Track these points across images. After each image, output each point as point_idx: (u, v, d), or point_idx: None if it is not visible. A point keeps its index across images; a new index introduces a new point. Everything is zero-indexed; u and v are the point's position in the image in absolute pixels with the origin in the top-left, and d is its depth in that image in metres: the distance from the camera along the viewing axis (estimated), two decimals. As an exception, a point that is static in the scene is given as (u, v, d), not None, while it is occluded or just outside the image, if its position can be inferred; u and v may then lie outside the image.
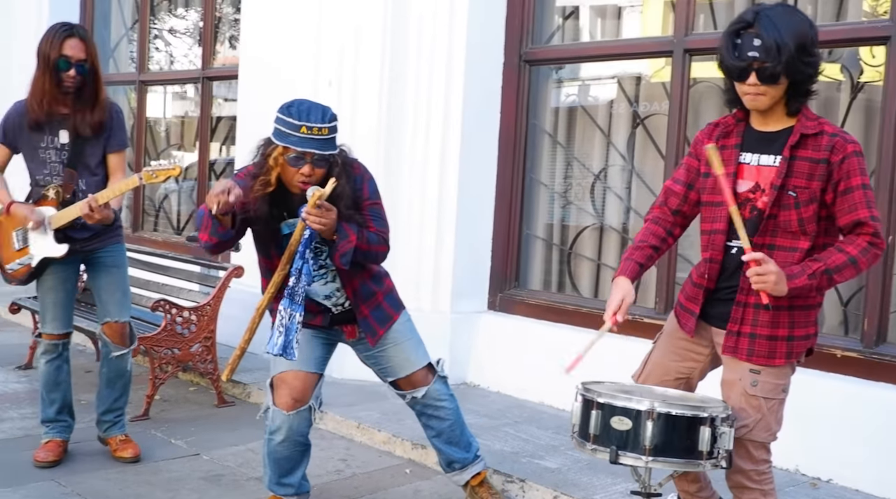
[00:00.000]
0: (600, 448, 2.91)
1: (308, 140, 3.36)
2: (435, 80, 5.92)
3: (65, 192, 4.28)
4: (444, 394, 3.95)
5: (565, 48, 6.02)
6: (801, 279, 2.96)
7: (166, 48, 9.39)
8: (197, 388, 5.98)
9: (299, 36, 6.37)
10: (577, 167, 6.04)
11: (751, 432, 3.10)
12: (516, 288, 6.11)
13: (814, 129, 2.99)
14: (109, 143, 4.37)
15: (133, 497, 4.10)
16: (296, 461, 3.79)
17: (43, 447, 4.47)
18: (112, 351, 4.56)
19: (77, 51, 4.21)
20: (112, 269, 4.52)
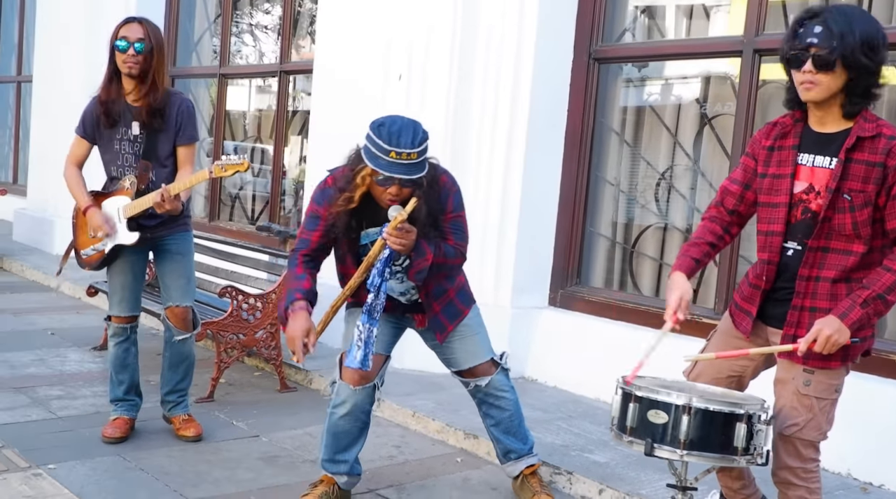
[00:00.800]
0: (637, 440, 2.95)
1: (397, 165, 3.41)
2: (503, 76, 5.97)
3: (140, 182, 4.43)
4: (505, 385, 4.03)
5: (635, 47, 6.02)
6: (855, 312, 2.96)
7: (247, 42, 9.63)
8: (262, 373, 6.14)
9: (371, 32, 6.49)
10: (643, 166, 6.03)
11: (801, 430, 3.11)
12: (577, 285, 6.13)
13: (871, 131, 2.96)
14: (179, 136, 4.50)
15: (192, 474, 4.25)
16: (353, 437, 3.90)
17: (111, 424, 4.65)
18: (174, 335, 4.71)
19: (134, 32, 4.35)
20: (177, 256, 4.66)
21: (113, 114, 4.43)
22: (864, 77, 2.96)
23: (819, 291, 3.07)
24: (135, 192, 4.42)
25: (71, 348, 6.46)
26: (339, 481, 3.93)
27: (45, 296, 8.38)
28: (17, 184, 13.25)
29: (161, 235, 4.59)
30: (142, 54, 4.35)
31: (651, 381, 3.12)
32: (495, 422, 4.09)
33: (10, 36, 13.96)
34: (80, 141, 4.58)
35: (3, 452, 4.32)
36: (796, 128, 3.16)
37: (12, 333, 6.84)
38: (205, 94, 9.85)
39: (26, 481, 3.99)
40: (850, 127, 3.02)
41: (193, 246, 4.82)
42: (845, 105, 3.01)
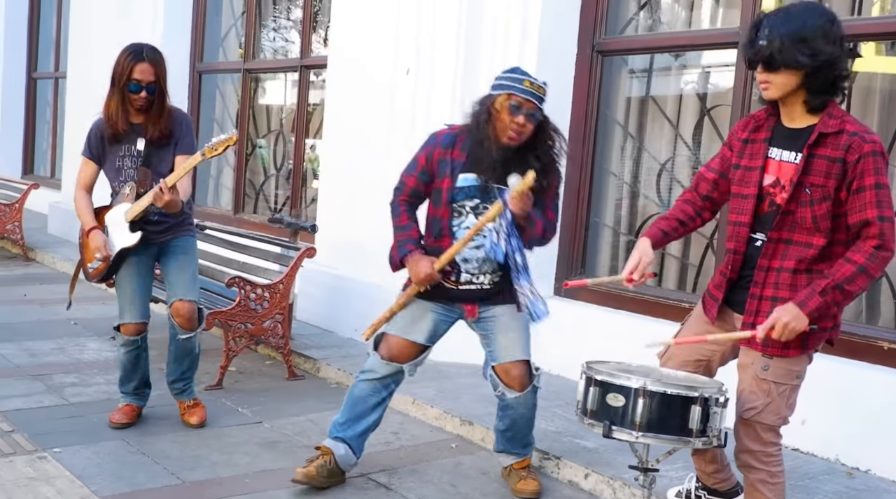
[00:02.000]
0: (596, 423, 3.04)
1: (531, 92, 3.79)
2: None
3: (139, 187, 4.58)
4: (528, 405, 4.12)
5: (637, 39, 6.06)
6: (814, 300, 3.03)
7: (270, 38, 9.78)
8: (273, 362, 6.29)
9: (380, 27, 6.60)
10: (646, 157, 6.07)
11: (759, 414, 3.18)
12: (581, 275, 6.19)
13: (834, 127, 3.03)
14: (178, 148, 4.66)
15: (191, 458, 4.41)
16: (367, 408, 4.10)
17: (119, 410, 4.82)
18: (178, 334, 4.81)
19: (146, 74, 4.50)
20: (181, 255, 4.80)
21: (119, 134, 4.59)
22: (819, 72, 3.02)
23: (780, 281, 3.14)
24: (134, 196, 4.57)
25: (91, 338, 6.67)
26: (336, 452, 4.07)
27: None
28: (53, 178, 13.57)
29: (167, 239, 4.75)
30: (153, 95, 4.55)
31: (614, 366, 3.20)
32: (504, 427, 4.20)
33: (49, 33, 14.30)
34: (88, 162, 4.74)
35: (13, 436, 4.51)
36: (769, 122, 3.25)
37: (37, 322, 7.07)
38: (231, 89, 10.03)
39: (31, 464, 4.17)
40: (816, 123, 3.09)
41: (197, 250, 4.96)
42: (808, 101, 3.09)
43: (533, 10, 5.99)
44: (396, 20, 6.42)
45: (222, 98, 10.21)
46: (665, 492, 4.00)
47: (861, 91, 5.09)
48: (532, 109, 3.79)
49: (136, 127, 4.61)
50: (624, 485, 4.12)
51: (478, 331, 4.11)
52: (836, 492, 4.16)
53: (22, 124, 14.84)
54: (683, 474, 4.12)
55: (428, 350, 4.12)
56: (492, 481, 4.37)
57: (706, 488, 3.83)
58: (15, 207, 9.98)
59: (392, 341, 4.06)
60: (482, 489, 4.26)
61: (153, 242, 4.70)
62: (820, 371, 4.45)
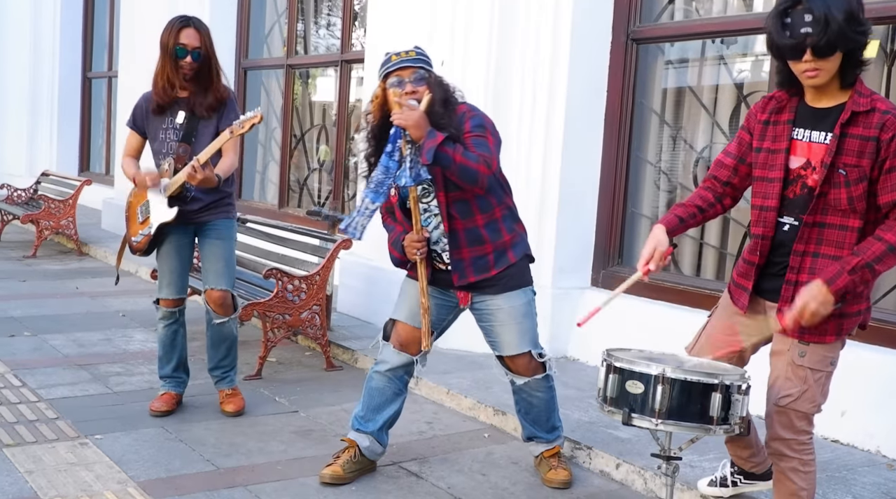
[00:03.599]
0: (615, 410, 3.03)
1: (400, 62, 3.79)
2: (541, 58, 6.03)
3: (177, 162, 4.65)
4: (542, 388, 4.11)
5: (672, 26, 6.00)
6: (843, 278, 2.97)
7: (312, 33, 9.87)
8: (312, 352, 6.37)
9: (415, 19, 6.62)
10: (683, 146, 6.03)
11: (795, 401, 3.14)
12: (619, 265, 6.17)
13: (866, 106, 2.97)
14: (222, 123, 4.70)
15: (226, 445, 4.49)
16: (386, 399, 4.12)
17: (159, 398, 4.93)
18: (213, 318, 4.92)
19: (192, 39, 4.61)
20: (216, 241, 4.86)
21: (164, 105, 4.69)
22: (857, 50, 2.97)
23: (816, 266, 3.08)
24: (172, 173, 4.65)
25: (137, 329, 6.81)
26: (361, 444, 4.11)
27: (123, 280, 8.70)
28: (108, 175, 13.86)
29: (205, 219, 4.81)
30: (199, 61, 4.63)
31: (636, 353, 3.19)
32: (523, 411, 4.23)
33: (102, 33, 14.59)
34: (132, 133, 4.87)
35: (57, 423, 4.64)
36: (791, 102, 3.16)
37: (87, 314, 7.24)
38: (275, 85, 10.14)
39: (72, 450, 4.28)
40: (845, 101, 3.02)
41: (235, 233, 5.02)
42: (843, 77, 3.01)
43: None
44: (431, 12, 6.44)
45: (266, 94, 10.34)
46: (696, 482, 3.98)
47: None
48: (412, 73, 3.77)
49: (180, 100, 4.69)
50: (655, 475, 4.11)
51: (476, 319, 4.09)
52: (875, 484, 4.09)
53: (78, 123, 15.18)
54: (716, 465, 4.11)
55: (434, 337, 4.10)
56: (522, 470, 4.38)
57: (742, 473, 3.84)
58: (69, 203, 10.21)
59: (400, 329, 4.07)
60: (512, 478, 4.28)
61: (192, 221, 4.78)
62: (860, 362, 4.43)
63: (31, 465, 4.07)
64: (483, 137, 3.76)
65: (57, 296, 7.89)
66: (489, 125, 3.82)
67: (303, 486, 4.04)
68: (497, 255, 3.91)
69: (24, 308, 7.24)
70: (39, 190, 11.31)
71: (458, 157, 3.63)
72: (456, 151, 3.63)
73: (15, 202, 11.20)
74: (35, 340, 6.31)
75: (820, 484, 3.91)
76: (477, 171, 3.67)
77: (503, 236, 3.92)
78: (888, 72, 4.94)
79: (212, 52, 4.71)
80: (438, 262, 3.97)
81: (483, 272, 3.91)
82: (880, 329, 4.61)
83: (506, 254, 3.93)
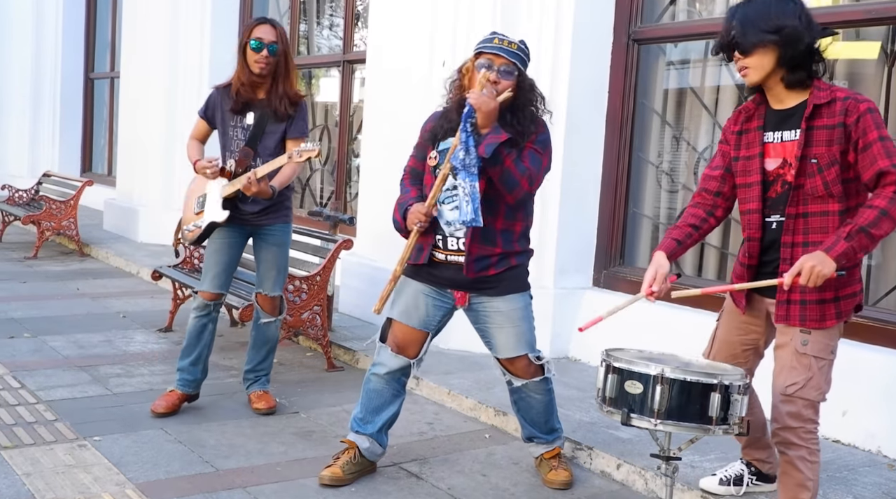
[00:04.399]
0: (615, 410, 3.03)
1: (500, 48, 3.76)
2: (542, 59, 6.00)
3: (238, 165, 4.70)
4: (540, 390, 4.10)
5: (673, 26, 5.99)
6: (840, 245, 3.05)
7: (314, 33, 9.87)
8: (313, 353, 6.36)
9: (417, 19, 6.61)
10: (684, 146, 6.01)
11: (801, 389, 3.20)
12: (621, 265, 6.15)
13: (826, 98, 3.13)
14: (290, 129, 4.76)
15: (226, 447, 4.47)
16: (385, 400, 4.11)
17: (162, 397, 4.90)
18: (261, 318, 5.00)
19: (267, 34, 4.65)
20: (274, 247, 4.92)
21: (238, 105, 4.72)
22: (788, 46, 3.11)
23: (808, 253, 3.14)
24: (232, 174, 4.70)
25: (138, 330, 6.80)
26: (361, 445, 4.10)
27: (125, 281, 8.80)
28: (110, 176, 13.86)
29: (262, 223, 4.85)
30: (274, 56, 4.65)
31: (635, 353, 3.19)
32: (522, 412, 4.22)
33: (105, 34, 14.60)
34: (200, 122, 4.95)
35: (56, 424, 4.63)
36: (759, 110, 3.35)
37: (87, 315, 7.23)
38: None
39: (70, 452, 4.27)
40: (807, 99, 3.18)
41: (290, 239, 5.07)
42: (785, 78, 3.18)
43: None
44: (433, 11, 6.43)
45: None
46: (698, 482, 3.96)
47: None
48: (505, 65, 3.75)
49: (256, 102, 4.71)
50: (655, 476, 4.09)
51: (471, 321, 4.07)
52: (875, 484, 4.08)
53: (80, 124, 15.19)
54: (717, 465, 4.10)
55: (429, 339, 4.08)
56: (522, 470, 4.37)
57: (758, 473, 3.88)
58: (70, 204, 10.20)
59: (397, 329, 4.04)
60: (512, 479, 4.26)
61: (248, 223, 4.82)
62: (862, 362, 4.43)
63: (28, 467, 4.06)
64: (541, 155, 3.83)
65: (57, 297, 7.89)
66: (551, 147, 3.90)
67: (302, 487, 4.03)
68: (500, 258, 3.90)
69: (24, 309, 7.24)
70: (41, 191, 11.30)
71: (509, 162, 3.70)
72: (510, 155, 3.70)
73: (16, 203, 11.20)
74: (35, 341, 6.30)
75: (821, 484, 3.89)
76: (518, 182, 3.74)
77: (514, 248, 3.93)
78: (888, 72, 4.92)
79: (288, 51, 4.74)
80: (440, 249, 3.90)
81: (482, 271, 3.89)
82: (881, 329, 4.60)
83: (508, 259, 3.93)
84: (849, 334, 4.05)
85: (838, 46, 5.16)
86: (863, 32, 5.11)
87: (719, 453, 4.28)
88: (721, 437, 3.29)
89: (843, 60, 5.13)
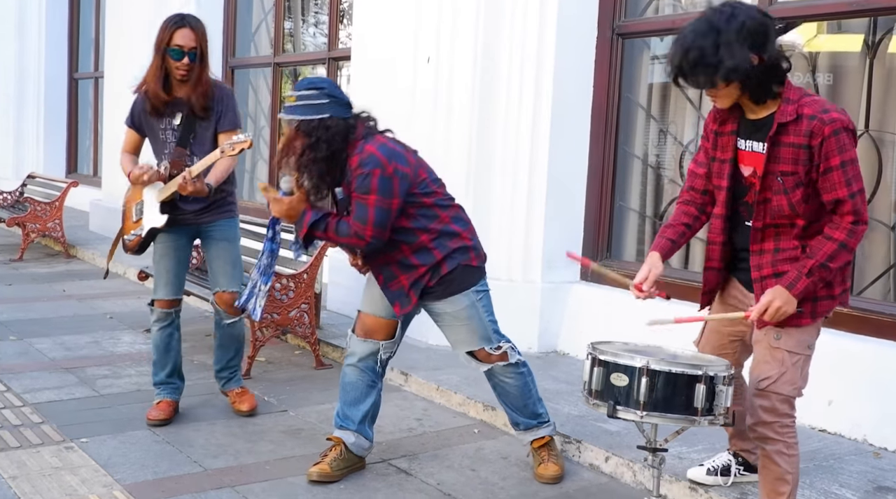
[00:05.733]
0: (601, 403, 3.04)
1: (284, 108, 3.88)
2: (528, 54, 6.02)
3: (172, 167, 4.59)
4: (509, 373, 4.13)
5: (657, 20, 6.00)
6: (802, 282, 3.09)
7: (300, 31, 9.85)
8: (302, 351, 6.35)
9: (402, 15, 6.60)
10: (669, 140, 6.02)
11: (774, 383, 3.20)
12: (608, 259, 6.16)
13: (792, 114, 3.06)
14: (220, 123, 4.66)
15: (215, 446, 4.46)
16: (361, 393, 4.14)
17: (155, 407, 4.82)
18: (223, 319, 4.89)
19: (188, 40, 4.51)
20: (222, 242, 4.82)
21: (160, 107, 4.60)
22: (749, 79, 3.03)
23: (776, 259, 3.20)
24: (167, 176, 4.60)
25: (125, 331, 6.78)
26: (346, 440, 4.11)
27: (111, 282, 8.75)
28: (96, 176, 13.79)
29: (205, 221, 4.75)
30: (195, 62, 4.54)
31: (620, 346, 3.20)
32: (501, 396, 4.24)
33: (88, 34, 14.54)
34: (129, 132, 4.80)
35: (42, 427, 4.61)
36: (734, 114, 3.29)
37: (74, 317, 7.21)
38: (263, 83, 10.11)
39: (57, 454, 4.25)
40: (775, 111, 3.12)
41: (239, 232, 4.97)
42: (752, 99, 3.13)
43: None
44: (418, 8, 6.42)
45: (254, 92, 10.31)
46: (686, 473, 3.97)
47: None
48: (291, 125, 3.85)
49: (177, 101, 4.59)
50: (644, 468, 4.09)
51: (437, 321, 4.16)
52: (861, 472, 4.10)
53: (65, 124, 15.11)
54: (705, 456, 4.11)
55: (399, 327, 4.13)
56: (511, 464, 4.37)
57: (745, 463, 3.88)
58: (55, 206, 10.17)
59: (364, 317, 4.13)
60: (501, 473, 4.27)
61: (191, 223, 4.73)
62: (847, 351, 4.44)
63: (14, 470, 4.04)
64: (364, 200, 3.75)
65: (44, 299, 7.86)
66: (374, 181, 3.72)
67: (291, 485, 4.03)
68: (432, 271, 3.95)
69: (10, 312, 7.21)
70: (25, 192, 11.24)
71: (331, 234, 3.85)
72: (328, 229, 3.84)
73: (1, 205, 11.15)
74: (21, 344, 6.28)
75: (807, 473, 3.93)
76: (352, 244, 3.88)
77: (436, 257, 3.94)
78: (870, 64, 4.94)
79: (205, 49, 4.61)
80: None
81: (421, 290, 3.97)
82: (866, 319, 4.62)
83: (439, 269, 3.95)
84: (833, 324, 4.07)
85: (821, 39, 5.18)
86: (845, 25, 5.12)
87: (706, 444, 4.29)
88: (708, 428, 3.30)
89: (825, 53, 5.15)
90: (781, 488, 3.25)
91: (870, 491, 3.89)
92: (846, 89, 5.05)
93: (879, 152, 4.86)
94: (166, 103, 4.60)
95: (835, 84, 5.09)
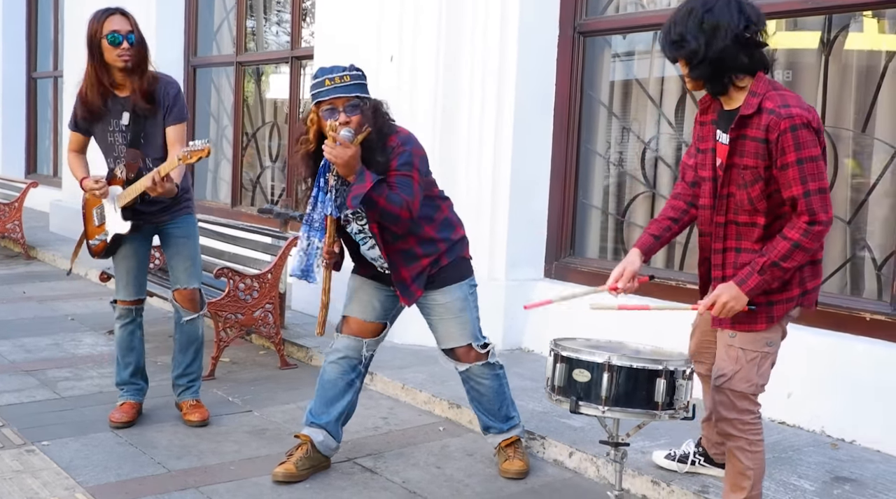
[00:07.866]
0: (563, 399, 3.06)
1: (332, 89, 3.66)
2: (490, 52, 6.04)
3: (129, 170, 4.48)
4: (486, 374, 4.15)
5: (617, 18, 6.04)
6: (753, 279, 3.09)
7: (262, 30, 9.80)
8: (266, 352, 6.32)
9: (364, 14, 6.59)
10: (631, 137, 6.07)
11: (729, 381, 3.22)
12: (571, 256, 6.20)
13: (754, 107, 3.06)
14: (167, 118, 4.52)
15: (179, 448, 4.44)
16: (339, 390, 4.13)
17: (119, 409, 4.76)
18: (183, 316, 4.82)
19: (122, 24, 4.36)
20: (181, 239, 4.75)
21: (97, 109, 4.46)
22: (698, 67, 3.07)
23: (738, 261, 3.21)
24: (125, 180, 4.51)
25: (87, 333, 6.71)
26: (315, 438, 4.10)
27: (72, 284, 8.67)
28: (56, 177, 13.64)
29: (163, 220, 4.68)
30: (135, 46, 4.39)
31: (582, 342, 3.22)
32: (475, 400, 4.25)
33: (47, 32, 14.36)
34: (74, 134, 4.69)
35: (2, 430, 4.56)
36: (714, 104, 3.30)
37: (34, 319, 7.13)
38: (225, 82, 10.05)
39: (18, 457, 4.21)
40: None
41: (197, 229, 4.90)
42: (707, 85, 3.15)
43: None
44: (380, 7, 6.41)
45: (217, 91, 10.24)
46: (647, 467, 4.02)
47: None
48: (346, 102, 3.68)
49: (119, 99, 4.46)
50: (607, 463, 4.13)
51: (421, 313, 4.16)
52: (819, 464, 4.16)
53: (24, 124, 14.93)
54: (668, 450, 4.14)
55: (386, 329, 4.19)
56: (477, 461, 4.39)
57: (705, 455, 3.92)
58: (14, 206, 10.04)
59: (351, 321, 4.14)
60: (467, 470, 4.28)
61: (150, 222, 4.65)
62: (805, 344, 4.50)
63: (-24, 473, 4.00)
64: (409, 176, 3.76)
65: (3, 301, 7.76)
66: (416, 160, 3.79)
67: (256, 485, 4.01)
68: (432, 263, 3.98)
69: (-30, 314, 7.12)
70: (-16, 194, 11.11)
71: (383, 201, 3.67)
72: (381, 195, 3.66)
73: (-40, 207, 10.99)
74: (-19, 346, 6.21)
75: (767, 464, 3.96)
76: (399, 216, 3.72)
77: (439, 249, 3.98)
78: (825, 62, 5.01)
79: (142, 36, 4.46)
80: (380, 269, 4.06)
81: (424, 282, 3.99)
82: (824, 312, 4.67)
83: (440, 260, 4.00)
84: (792, 318, 4.12)
85: (779, 36, 5.25)
86: (801, 22, 5.19)
87: (669, 438, 4.33)
88: (669, 422, 3.33)
89: (782, 50, 5.21)
90: (743, 483, 3.29)
91: (827, 481, 3.95)
92: (803, 86, 5.12)
93: (836, 148, 4.93)
94: (111, 103, 4.46)
95: (793, 80, 5.15)
